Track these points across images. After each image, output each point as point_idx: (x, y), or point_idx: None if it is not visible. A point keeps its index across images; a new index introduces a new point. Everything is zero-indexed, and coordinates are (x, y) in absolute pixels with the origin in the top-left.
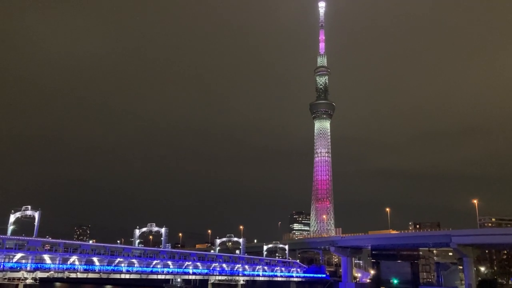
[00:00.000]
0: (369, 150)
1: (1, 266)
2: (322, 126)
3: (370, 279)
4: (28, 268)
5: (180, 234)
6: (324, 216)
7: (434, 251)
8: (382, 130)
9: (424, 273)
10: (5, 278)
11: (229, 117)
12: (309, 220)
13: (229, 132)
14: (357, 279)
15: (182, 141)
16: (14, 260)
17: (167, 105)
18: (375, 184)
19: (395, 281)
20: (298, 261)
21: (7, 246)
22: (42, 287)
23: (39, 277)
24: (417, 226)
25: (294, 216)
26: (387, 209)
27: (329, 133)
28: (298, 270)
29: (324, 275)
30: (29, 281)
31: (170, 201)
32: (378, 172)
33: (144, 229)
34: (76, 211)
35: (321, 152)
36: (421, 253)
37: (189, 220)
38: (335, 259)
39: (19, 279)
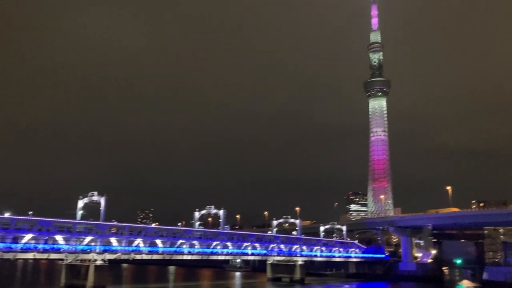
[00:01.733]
0: (427, 127)
1: (73, 248)
2: (378, 104)
3: (431, 259)
4: (97, 250)
5: (238, 216)
6: (382, 196)
7: (501, 230)
8: (440, 106)
9: (490, 253)
10: (77, 260)
11: (278, 97)
12: (366, 201)
13: (280, 114)
14: (418, 259)
15: (236, 125)
16: (84, 243)
17: (219, 90)
18: (434, 162)
19: (459, 261)
20: (356, 241)
21: (78, 230)
22: (110, 268)
23: (107, 259)
24: (481, 204)
25: (351, 197)
26: (448, 188)
27: (385, 111)
28: (357, 250)
29: (383, 255)
30: (98, 262)
31: (228, 184)
32: (436, 150)
33: (203, 212)
34: (139, 195)
35: (376, 131)
36: (485, 232)
37: (245, 202)
38: (395, 239)
39: (89, 260)
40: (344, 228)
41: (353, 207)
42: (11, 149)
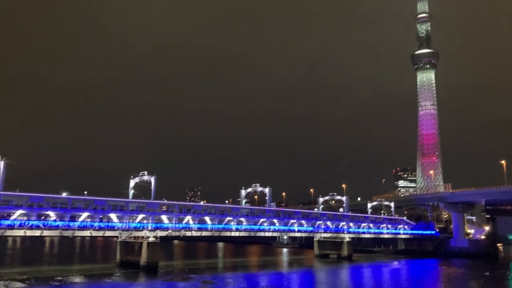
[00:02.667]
0: (478, 99)
1: (127, 226)
2: (426, 77)
3: (484, 235)
4: (149, 228)
5: (284, 194)
6: (431, 172)
7: None
8: (492, 78)
9: None
10: (131, 237)
11: (324, 73)
12: (415, 177)
13: (327, 88)
14: (470, 236)
15: (284, 101)
16: (137, 220)
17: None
18: (486, 136)
19: None
20: (405, 218)
21: (130, 209)
22: (162, 245)
23: (159, 236)
24: None
25: (399, 173)
26: (502, 162)
27: (433, 84)
28: (405, 227)
29: (433, 232)
30: (151, 239)
31: (273, 161)
32: (489, 123)
33: (249, 190)
34: (187, 174)
35: (425, 105)
36: None
37: (291, 180)
38: (445, 216)
39: (142, 237)
40: (392, 204)
41: (401, 183)
42: (65, 132)
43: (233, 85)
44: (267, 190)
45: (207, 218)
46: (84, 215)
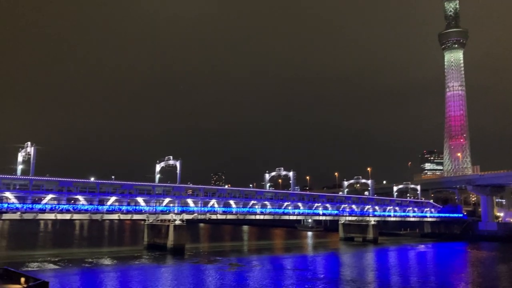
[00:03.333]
0: (508, 80)
1: (154, 209)
2: (454, 56)
3: None
4: (176, 211)
5: (308, 177)
6: (459, 154)
7: None
8: None
9: None
10: (158, 220)
11: (347, 57)
12: (442, 159)
13: (350, 73)
14: (500, 219)
15: (307, 88)
16: (163, 204)
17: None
18: None
19: None
20: (431, 201)
21: (157, 192)
22: (188, 228)
23: (185, 219)
24: None
25: (426, 156)
26: None
27: (462, 64)
28: (432, 210)
29: (461, 215)
30: (177, 222)
31: (297, 145)
32: None
33: (273, 173)
34: (212, 159)
35: (453, 85)
36: None
37: (316, 163)
38: (473, 198)
39: (169, 220)
40: (418, 187)
41: (427, 166)
42: (92, 118)
43: (257, 68)
44: (291, 174)
45: (231, 202)
46: (112, 199)
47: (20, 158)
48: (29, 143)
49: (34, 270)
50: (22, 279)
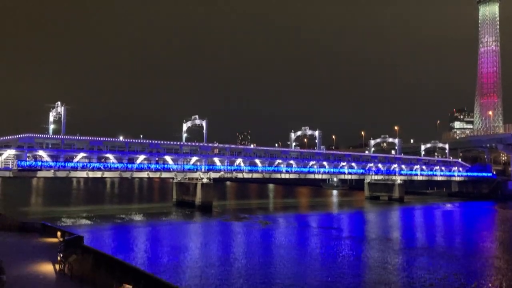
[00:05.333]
0: None
1: (182, 168)
2: (489, 10)
3: None
4: (203, 170)
5: (334, 136)
6: (490, 112)
7: None
8: None
9: None
10: (186, 178)
11: (375, 12)
12: (472, 118)
13: (378, 29)
14: None
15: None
16: (191, 163)
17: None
18: None
19: None
20: (459, 160)
21: (184, 151)
22: (215, 186)
23: (212, 177)
24: None
25: (455, 114)
26: None
27: (497, 18)
28: (460, 169)
29: (489, 174)
30: (205, 181)
31: (323, 104)
32: None
33: (298, 133)
34: (237, 118)
35: (487, 41)
36: None
37: (342, 122)
38: (503, 158)
39: (196, 178)
40: (446, 146)
41: (457, 124)
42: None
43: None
44: (316, 133)
45: (257, 161)
46: (141, 157)
47: (51, 117)
48: (59, 103)
49: (69, 225)
50: (59, 233)
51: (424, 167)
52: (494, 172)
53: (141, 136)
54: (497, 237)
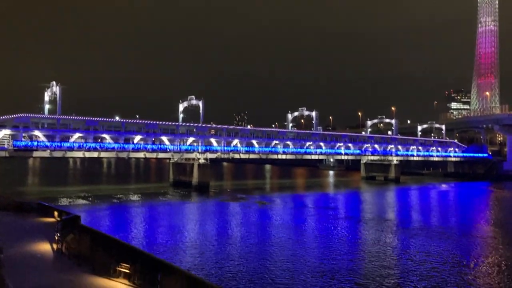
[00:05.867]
0: None
1: (178, 148)
2: None
3: None
4: (200, 150)
5: (331, 117)
6: (487, 93)
7: None
8: None
9: None
10: (182, 159)
11: None
12: (469, 99)
13: (375, 10)
14: None
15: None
16: (187, 143)
17: None
18: None
19: None
20: (456, 141)
21: (180, 132)
22: (212, 166)
23: (209, 158)
24: None
25: (452, 95)
26: None
27: None
28: (456, 149)
29: (485, 155)
30: (201, 161)
31: (321, 85)
32: None
33: (295, 114)
34: (234, 99)
35: (485, 21)
36: None
37: (339, 103)
38: (499, 138)
39: (193, 159)
40: (443, 127)
41: (454, 105)
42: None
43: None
44: (314, 114)
45: (254, 142)
46: (137, 138)
47: (46, 97)
48: (54, 82)
49: (66, 205)
50: (55, 213)
51: (420, 147)
52: (490, 153)
53: (137, 116)
54: (492, 217)
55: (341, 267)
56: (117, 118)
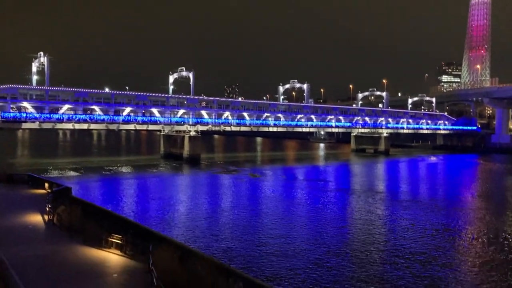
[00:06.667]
0: None
1: (169, 120)
2: None
3: None
4: (190, 122)
5: (322, 90)
6: (478, 66)
7: None
8: None
9: None
10: (173, 131)
11: None
12: (460, 71)
13: None
14: None
15: None
16: (178, 115)
17: None
18: None
19: None
20: (446, 113)
21: (171, 104)
22: (203, 139)
23: (200, 130)
24: None
25: (443, 68)
26: None
27: None
28: (446, 122)
29: (474, 128)
30: (192, 133)
31: (312, 57)
32: None
33: (287, 86)
34: (225, 71)
35: None
36: None
37: (330, 75)
38: (489, 111)
39: (184, 131)
40: (433, 100)
41: (445, 78)
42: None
43: None
44: (305, 86)
45: (245, 114)
46: (127, 109)
47: (34, 68)
48: (41, 53)
49: (57, 177)
50: (46, 185)
51: (410, 120)
52: (479, 126)
53: (127, 88)
54: (478, 189)
55: (334, 239)
56: (107, 90)
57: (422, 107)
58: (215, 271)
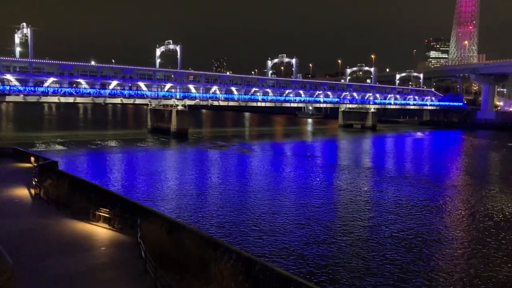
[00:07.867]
0: None
1: (156, 94)
2: None
3: None
4: (178, 96)
5: (311, 65)
6: (466, 42)
7: None
8: None
9: None
10: (160, 105)
11: None
12: (448, 47)
13: None
14: (499, 108)
15: None
16: (165, 89)
17: None
18: None
19: None
20: (433, 89)
21: (158, 77)
22: (191, 113)
23: (187, 104)
24: None
25: (431, 43)
26: None
27: None
28: (433, 98)
29: (460, 104)
30: (180, 108)
31: (301, 32)
32: None
33: (275, 60)
34: (213, 44)
35: None
36: None
37: (319, 50)
38: (475, 88)
39: (171, 105)
40: (421, 76)
41: (433, 54)
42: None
43: None
44: (293, 61)
45: (233, 89)
46: (114, 83)
47: (17, 39)
48: (24, 24)
49: (42, 151)
50: (32, 158)
51: (398, 96)
52: (465, 102)
53: (113, 61)
54: (462, 164)
55: (322, 214)
56: (93, 63)
57: (410, 82)
58: (203, 244)
